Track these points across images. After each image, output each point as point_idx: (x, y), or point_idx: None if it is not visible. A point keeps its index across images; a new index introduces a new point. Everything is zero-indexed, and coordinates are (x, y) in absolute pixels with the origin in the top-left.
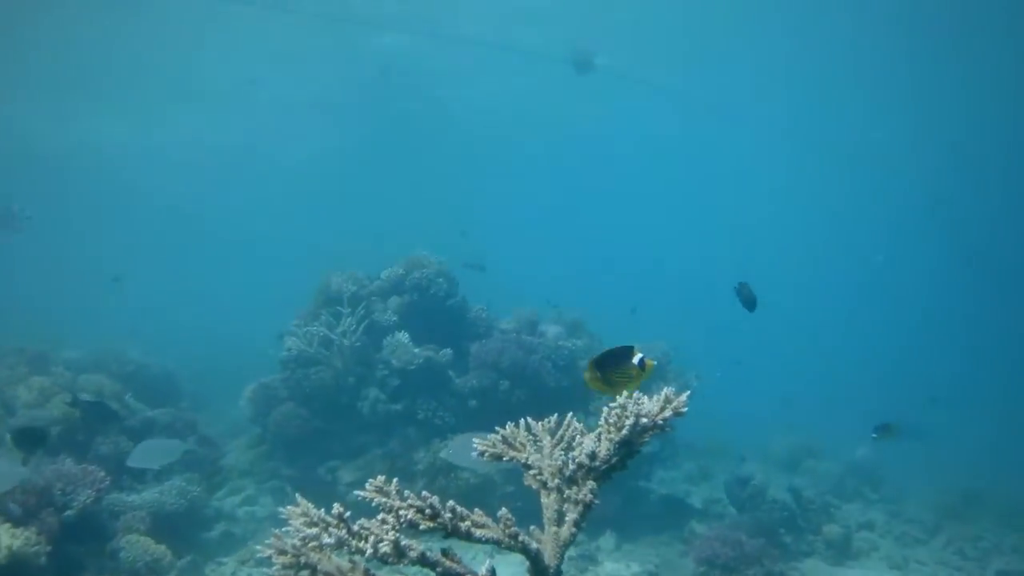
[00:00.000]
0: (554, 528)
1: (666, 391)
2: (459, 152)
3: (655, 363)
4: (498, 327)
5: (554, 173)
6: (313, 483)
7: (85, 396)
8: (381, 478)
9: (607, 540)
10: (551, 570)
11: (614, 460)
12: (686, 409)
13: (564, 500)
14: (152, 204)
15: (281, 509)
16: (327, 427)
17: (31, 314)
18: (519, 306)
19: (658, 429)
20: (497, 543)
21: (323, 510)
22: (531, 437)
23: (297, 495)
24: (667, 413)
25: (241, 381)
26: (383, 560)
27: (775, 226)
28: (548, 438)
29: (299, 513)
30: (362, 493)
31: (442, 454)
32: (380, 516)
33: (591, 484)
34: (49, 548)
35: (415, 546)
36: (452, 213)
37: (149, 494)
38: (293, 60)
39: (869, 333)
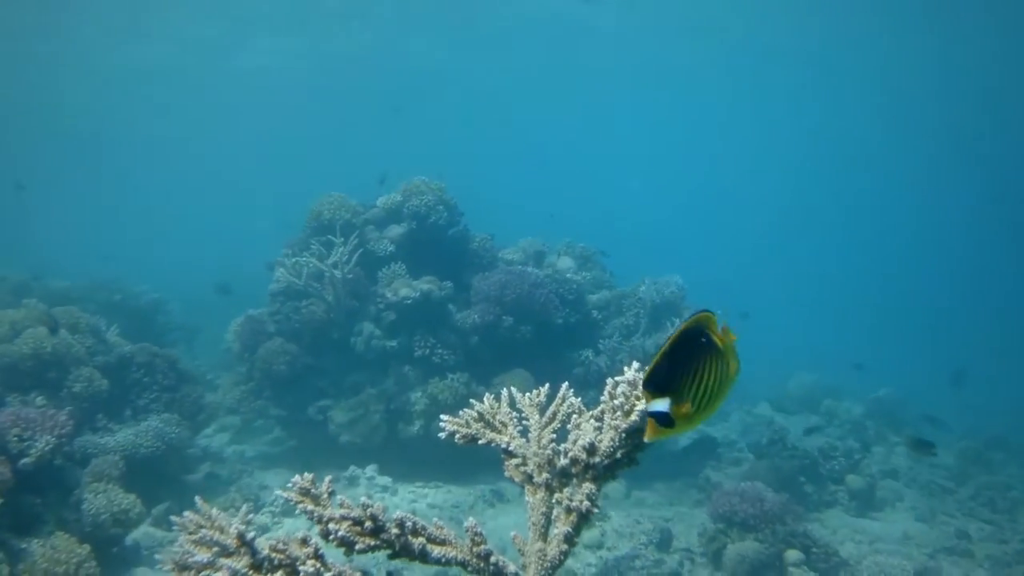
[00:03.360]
0: (539, 543)
1: None
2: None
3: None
4: (503, 259)
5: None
6: (303, 424)
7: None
8: (308, 476)
9: (616, 486)
10: None
11: (619, 454)
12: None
13: (554, 503)
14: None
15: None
16: (318, 364)
17: (22, 243)
18: (526, 236)
19: None
20: (462, 565)
21: (229, 519)
22: (515, 414)
23: (197, 499)
24: None
25: (231, 314)
26: None
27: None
28: (536, 416)
29: (193, 523)
30: (285, 494)
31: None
32: (300, 534)
33: (589, 487)
34: (1, 501)
35: (348, 571)
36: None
37: (123, 436)
38: None
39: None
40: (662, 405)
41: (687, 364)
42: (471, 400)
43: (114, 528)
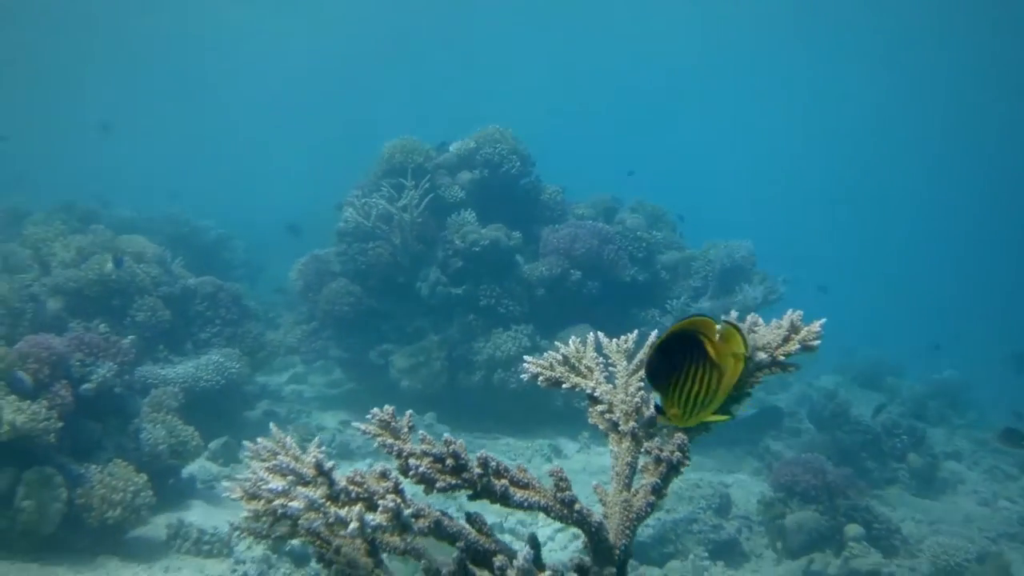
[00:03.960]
0: (624, 493)
1: (791, 315)
2: None
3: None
4: (573, 212)
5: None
6: (363, 367)
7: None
8: (389, 409)
9: None
10: (616, 552)
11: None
12: (819, 343)
13: (641, 453)
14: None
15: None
16: (381, 307)
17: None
18: (597, 191)
19: (779, 368)
20: (544, 511)
21: (302, 450)
22: (601, 359)
23: (272, 425)
24: (793, 347)
25: (297, 253)
26: (375, 531)
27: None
28: (624, 362)
29: (267, 451)
30: (363, 427)
31: None
32: (378, 468)
33: (680, 437)
34: (60, 425)
35: (427, 511)
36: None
37: (184, 368)
38: None
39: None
40: (657, 399)
41: (672, 367)
42: (556, 343)
43: (171, 459)
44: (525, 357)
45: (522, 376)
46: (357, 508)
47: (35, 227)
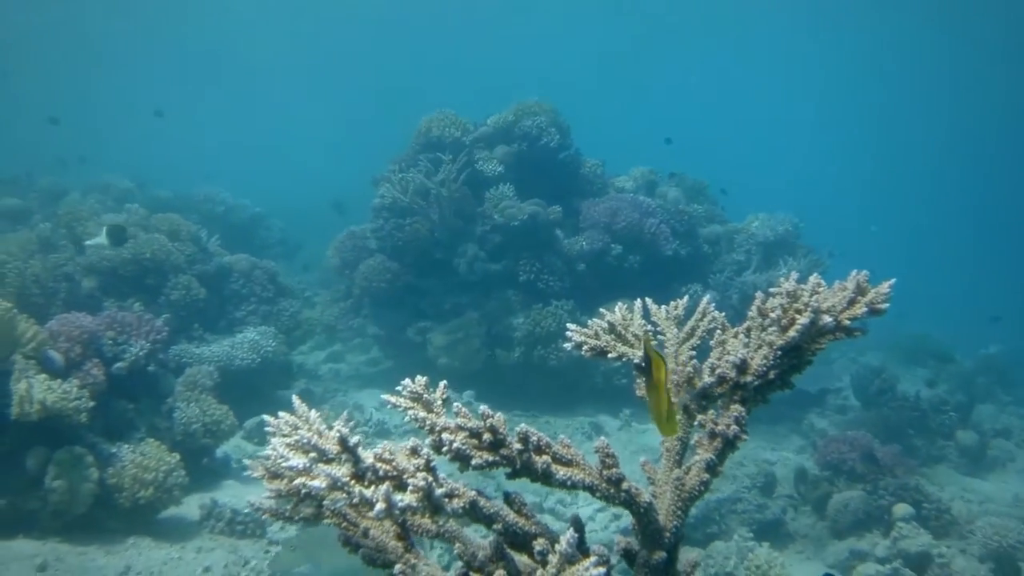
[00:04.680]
0: (675, 471)
1: (856, 275)
2: None
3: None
4: (613, 185)
5: None
6: (401, 344)
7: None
8: (422, 380)
9: None
10: (667, 535)
11: (772, 374)
12: (887, 305)
13: (694, 426)
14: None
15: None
16: (419, 284)
17: (129, 154)
18: (637, 165)
19: (843, 333)
20: (590, 490)
21: (329, 425)
22: (650, 327)
23: (295, 397)
24: (859, 310)
25: (334, 231)
26: (404, 512)
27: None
28: (674, 329)
29: (289, 426)
30: (393, 399)
31: None
32: (409, 443)
33: (738, 410)
34: (92, 404)
35: (461, 491)
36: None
37: (219, 346)
38: None
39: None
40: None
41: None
42: (601, 310)
43: (205, 438)
44: (569, 325)
45: (565, 346)
46: (384, 487)
47: (69, 206)
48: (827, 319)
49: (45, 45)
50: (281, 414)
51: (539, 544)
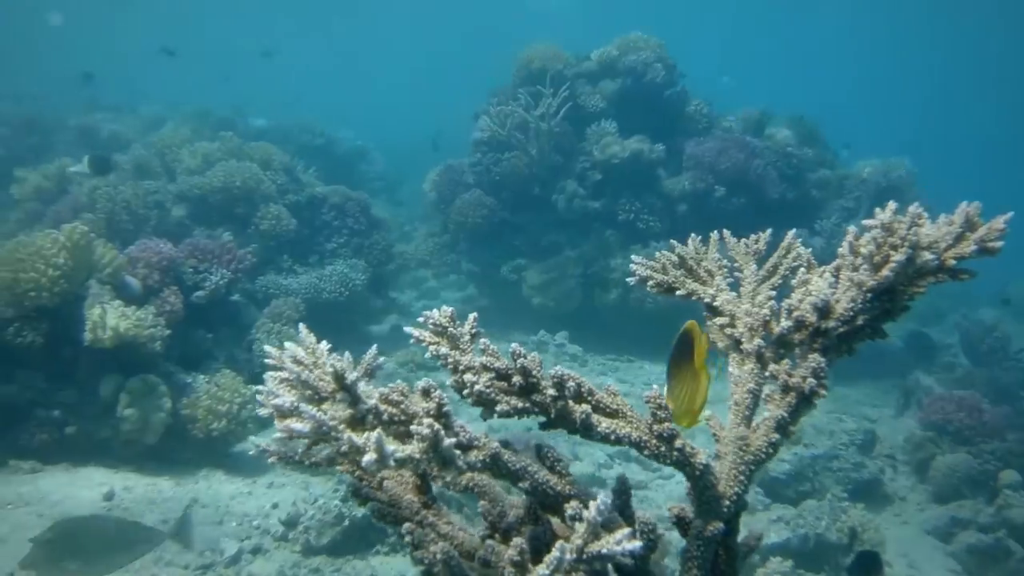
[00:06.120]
0: (741, 428)
1: (966, 207)
2: None
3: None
4: (720, 125)
5: None
6: (495, 282)
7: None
8: (447, 310)
9: None
10: (726, 503)
11: (860, 320)
12: (1001, 244)
13: (767, 377)
14: None
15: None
16: (515, 220)
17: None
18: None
19: (947, 275)
20: (636, 446)
21: (335, 358)
22: (725, 262)
23: (301, 325)
24: (967, 248)
25: (433, 166)
26: (403, 464)
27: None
28: (753, 266)
29: (291, 358)
30: (414, 332)
31: None
32: (422, 383)
33: (816, 360)
34: (167, 332)
35: (482, 442)
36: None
37: (307, 278)
38: None
39: None
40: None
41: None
42: (672, 241)
43: None
44: (633, 257)
45: (628, 280)
46: (375, 434)
47: (162, 134)
48: (928, 256)
49: None
50: (288, 344)
51: (570, 508)
